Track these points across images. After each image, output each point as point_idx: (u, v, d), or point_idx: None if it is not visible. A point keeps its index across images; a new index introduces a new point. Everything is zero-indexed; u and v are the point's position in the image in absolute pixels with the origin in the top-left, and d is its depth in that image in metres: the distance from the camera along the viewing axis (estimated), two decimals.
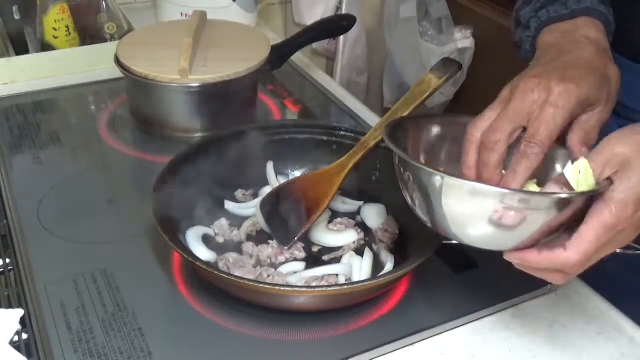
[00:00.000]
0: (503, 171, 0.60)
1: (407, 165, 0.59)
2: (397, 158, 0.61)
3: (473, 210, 0.54)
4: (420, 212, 0.59)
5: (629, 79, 0.69)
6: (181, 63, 0.91)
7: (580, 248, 0.53)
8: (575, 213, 0.54)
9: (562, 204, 0.53)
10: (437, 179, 0.54)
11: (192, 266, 0.69)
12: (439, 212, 0.56)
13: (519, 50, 0.76)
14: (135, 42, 1.00)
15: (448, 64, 0.78)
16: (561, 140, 0.61)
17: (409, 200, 0.60)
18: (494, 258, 0.67)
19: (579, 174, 0.54)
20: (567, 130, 0.61)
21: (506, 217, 0.53)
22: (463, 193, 0.54)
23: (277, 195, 0.79)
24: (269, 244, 0.76)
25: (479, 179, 0.61)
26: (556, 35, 0.68)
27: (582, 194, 0.53)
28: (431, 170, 0.56)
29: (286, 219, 0.76)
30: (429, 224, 0.59)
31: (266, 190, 0.83)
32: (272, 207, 0.78)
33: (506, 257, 0.57)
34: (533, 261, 0.55)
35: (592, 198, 0.53)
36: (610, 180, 0.53)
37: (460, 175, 0.61)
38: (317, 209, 0.76)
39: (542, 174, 0.61)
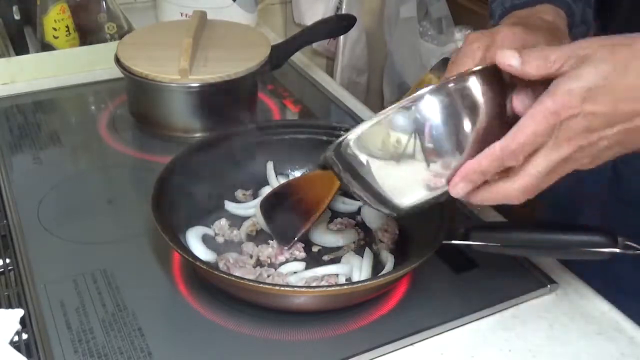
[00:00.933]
0: None
1: (333, 161, 0.59)
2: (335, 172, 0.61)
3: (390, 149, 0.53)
4: (367, 198, 0.58)
5: None
6: (181, 63, 0.91)
7: (517, 136, 0.50)
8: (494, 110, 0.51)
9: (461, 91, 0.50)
10: (347, 142, 0.54)
11: (192, 266, 0.69)
12: (374, 184, 0.55)
13: None
14: (135, 42, 1.00)
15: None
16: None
17: (357, 196, 0.59)
18: (494, 258, 0.68)
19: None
20: None
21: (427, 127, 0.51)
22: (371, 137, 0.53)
23: (277, 195, 0.79)
24: (269, 244, 0.76)
25: None
26: (512, 20, 0.66)
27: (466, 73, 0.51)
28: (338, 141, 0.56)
29: (286, 219, 0.76)
30: (382, 209, 0.58)
31: (266, 190, 0.83)
32: (272, 207, 0.77)
33: (452, 188, 0.54)
34: (477, 170, 0.52)
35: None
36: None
37: None
38: (317, 209, 0.76)
39: None
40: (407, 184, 0.55)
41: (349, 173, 0.57)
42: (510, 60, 0.52)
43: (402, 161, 0.53)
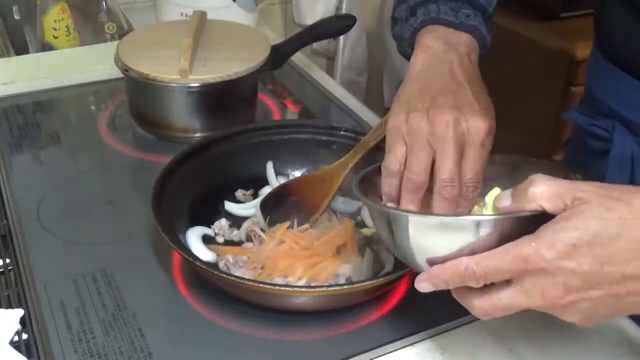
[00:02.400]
0: None
1: (375, 211, 0.58)
2: (366, 206, 0.61)
3: (443, 244, 0.52)
4: (398, 253, 0.58)
5: None
6: (181, 63, 0.91)
7: (483, 262, 0.49)
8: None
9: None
10: (404, 219, 0.53)
11: (192, 266, 0.69)
12: (410, 250, 0.54)
13: (399, 45, 0.74)
14: (135, 42, 1.00)
15: None
16: None
17: (385, 241, 0.59)
18: None
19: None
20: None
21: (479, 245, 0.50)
22: (431, 228, 0.52)
23: (277, 195, 0.79)
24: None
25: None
26: (439, 36, 0.66)
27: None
28: (396, 212, 0.55)
29: (286, 219, 0.76)
30: (408, 263, 0.58)
31: (266, 191, 0.83)
32: (273, 207, 0.78)
33: (417, 283, 0.55)
34: (439, 276, 0.52)
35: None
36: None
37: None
38: (317, 209, 0.76)
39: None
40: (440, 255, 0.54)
41: (386, 227, 0.56)
42: (504, 202, 0.51)
43: (445, 248, 0.53)
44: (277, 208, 0.77)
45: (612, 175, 0.78)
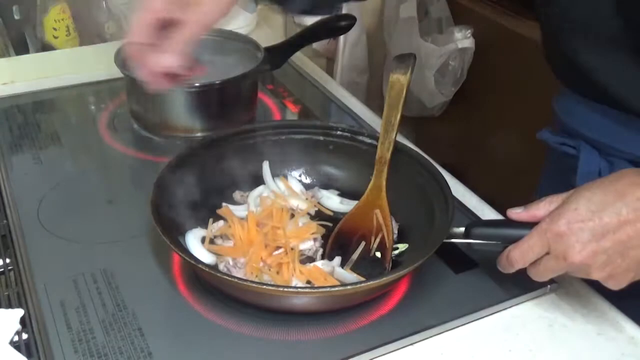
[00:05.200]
0: None
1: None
2: None
3: None
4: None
5: (617, 125, 0.75)
6: None
7: (519, 245, 0.63)
8: None
9: None
10: None
11: (193, 268, 0.69)
12: None
13: None
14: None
15: (404, 59, 0.77)
16: None
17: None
18: (493, 258, 0.68)
19: None
20: None
21: None
22: None
23: (338, 241, 0.76)
24: None
25: None
26: None
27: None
28: None
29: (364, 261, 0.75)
30: None
31: (259, 190, 0.82)
32: (341, 254, 0.75)
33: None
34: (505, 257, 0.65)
35: None
36: None
37: None
38: (386, 234, 0.74)
39: None
40: None
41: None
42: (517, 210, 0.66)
43: None
44: (345, 252, 0.75)
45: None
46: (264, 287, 0.64)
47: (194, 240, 0.74)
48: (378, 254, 0.74)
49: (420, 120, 1.87)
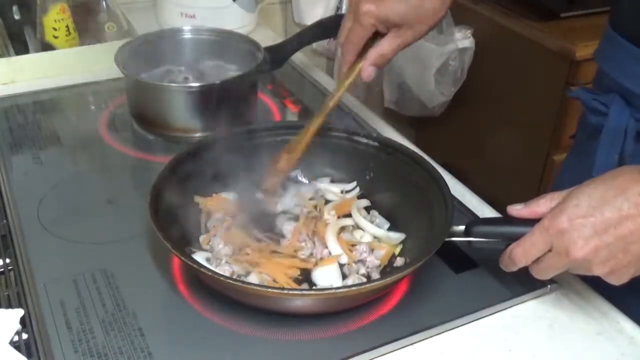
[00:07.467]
0: None
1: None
2: None
3: None
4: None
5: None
6: None
7: (520, 242, 0.63)
8: None
9: None
10: None
11: (195, 271, 0.68)
12: None
13: None
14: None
15: None
16: None
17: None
18: (494, 258, 0.68)
19: None
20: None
21: None
22: None
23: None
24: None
25: None
26: None
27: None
28: None
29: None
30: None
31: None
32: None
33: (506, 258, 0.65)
34: (507, 255, 0.65)
35: None
36: None
37: None
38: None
39: None
40: None
41: None
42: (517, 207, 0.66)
43: None
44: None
45: (603, 148, 0.81)
46: (267, 289, 0.63)
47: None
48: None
49: (420, 120, 1.87)
